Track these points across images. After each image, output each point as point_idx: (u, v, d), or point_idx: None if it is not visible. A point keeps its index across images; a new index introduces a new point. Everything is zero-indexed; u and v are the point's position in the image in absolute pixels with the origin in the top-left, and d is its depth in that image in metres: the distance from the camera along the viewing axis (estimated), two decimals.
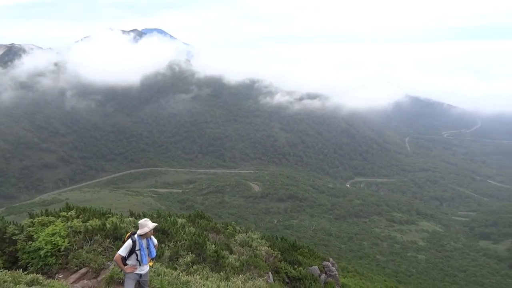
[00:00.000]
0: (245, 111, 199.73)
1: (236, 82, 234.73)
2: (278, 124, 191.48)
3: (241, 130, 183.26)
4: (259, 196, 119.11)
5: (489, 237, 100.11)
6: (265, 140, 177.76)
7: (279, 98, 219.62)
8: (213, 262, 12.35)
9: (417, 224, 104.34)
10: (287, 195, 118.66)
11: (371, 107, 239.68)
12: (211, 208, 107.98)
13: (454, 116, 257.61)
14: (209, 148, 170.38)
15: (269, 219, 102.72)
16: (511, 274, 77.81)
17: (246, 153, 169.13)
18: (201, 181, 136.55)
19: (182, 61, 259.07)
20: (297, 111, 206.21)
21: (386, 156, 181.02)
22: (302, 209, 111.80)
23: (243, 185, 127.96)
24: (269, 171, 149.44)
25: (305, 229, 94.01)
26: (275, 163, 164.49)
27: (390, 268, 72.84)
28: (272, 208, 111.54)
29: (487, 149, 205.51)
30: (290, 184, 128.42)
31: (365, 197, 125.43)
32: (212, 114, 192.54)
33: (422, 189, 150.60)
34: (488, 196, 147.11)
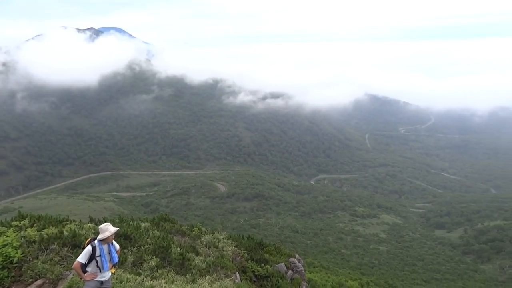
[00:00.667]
0: (209, 111, 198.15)
1: (199, 82, 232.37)
2: (243, 124, 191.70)
3: (205, 130, 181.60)
4: (225, 196, 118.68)
5: (443, 227, 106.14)
6: (230, 140, 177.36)
7: (242, 97, 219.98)
8: (179, 265, 12.12)
9: (378, 217, 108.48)
10: (253, 194, 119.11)
11: (333, 106, 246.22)
12: (177, 210, 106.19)
13: (410, 113, 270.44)
14: (173, 149, 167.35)
15: (235, 219, 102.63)
16: (464, 260, 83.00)
17: (211, 154, 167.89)
18: (165, 183, 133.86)
19: (143, 61, 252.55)
20: (261, 110, 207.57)
21: (348, 153, 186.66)
22: (268, 208, 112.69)
23: (209, 186, 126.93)
24: (234, 171, 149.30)
25: (272, 227, 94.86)
26: (240, 162, 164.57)
27: (354, 261, 75.21)
28: (238, 208, 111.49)
29: (441, 143, 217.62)
30: (256, 183, 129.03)
31: (329, 193, 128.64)
32: (175, 114, 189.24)
33: (382, 184, 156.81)
34: (442, 187, 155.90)
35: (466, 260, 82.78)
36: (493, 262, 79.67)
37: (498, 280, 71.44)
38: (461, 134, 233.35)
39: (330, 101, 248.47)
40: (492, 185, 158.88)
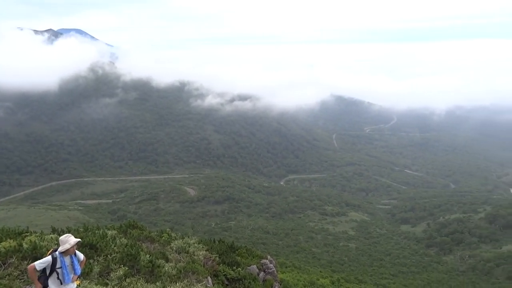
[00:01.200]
0: (177, 114, 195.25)
1: (166, 84, 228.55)
2: (211, 127, 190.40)
3: (173, 134, 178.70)
4: (196, 200, 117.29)
5: (408, 222, 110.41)
6: (199, 143, 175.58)
7: (210, 100, 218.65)
8: (148, 272, 11.79)
9: (346, 215, 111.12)
10: (224, 197, 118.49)
11: (300, 107, 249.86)
12: (145, 216, 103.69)
13: (374, 112, 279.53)
14: (140, 154, 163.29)
15: (206, 223, 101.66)
16: (427, 252, 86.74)
17: (179, 157, 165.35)
18: (133, 189, 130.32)
19: (106, 64, 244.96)
20: (229, 112, 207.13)
21: (316, 153, 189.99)
22: (239, 210, 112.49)
23: (178, 190, 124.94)
24: (204, 174, 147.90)
25: (243, 230, 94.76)
26: (210, 165, 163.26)
27: (325, 259, 76.60)
28: (209, 211, 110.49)
29: (403, 141, 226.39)
30: (226, 186, 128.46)
31: (299, 193, 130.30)
32: (141, 118, 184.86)
33: (349, 182, 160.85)
34: (405, 184, 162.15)
35: (429, 253, 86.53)
36: (454, 253, 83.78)
37: (459, 270, 75.25)
38: (422, 132, 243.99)
39: (298, 102, 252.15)
40: (451, 180, 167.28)
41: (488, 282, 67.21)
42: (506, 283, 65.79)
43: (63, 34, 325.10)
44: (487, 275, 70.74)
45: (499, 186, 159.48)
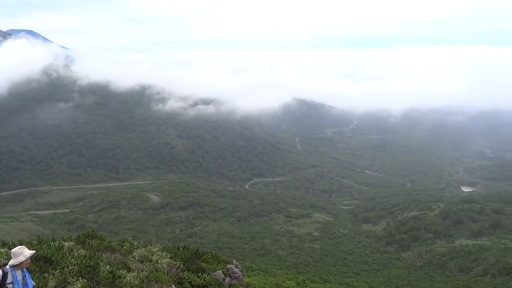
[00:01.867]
0: (138, 119, 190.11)
1: (125, 88, 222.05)
2: (174, 131, 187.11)
3: (134, 139, 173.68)
4: (159, 207, 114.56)
5: (369, 221, 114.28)
6: (162, 148, 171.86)
7: (172, 104, 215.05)
8: (109, 284, 11.30)
9: (311, 216, 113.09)
10: (188, 203, 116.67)
11: (263, 110, 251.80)
12: (106, 225, 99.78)
13: (335, 115, 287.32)
14: (99, 160, 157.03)
15: (171, 230, 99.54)
16: (388, 250, 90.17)
17: (141, 163, 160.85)
18: (92, 198, 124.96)
19: (61, 67, 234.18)
20: (193, 116, 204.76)
21: (280, 156, 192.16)
22: (205, 215, 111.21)
23: (141, 197, 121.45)
24: (168, 180, 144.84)
25: (209, 235, 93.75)
26: (173, 171, 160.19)
27: (291, 261, 77.41)
28: (173, 218, 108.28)
29: (363, 143, 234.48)
30: (191, 191, 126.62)
31: (264, 196, 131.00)
32: (100, 123, 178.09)
33: (313, 184, 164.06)
34: (366, 184, 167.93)
35: (389, 250, 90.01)
36: (412, 250, 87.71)
37: (417, 265, 78.87)
38: (380, 134, 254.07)
39: (261, 106, 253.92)
40: (408, 180, 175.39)
41: (443, 275, 70.99)
42: (459, 275, 69.82)
43: (12, 35, 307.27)
44: (442, 268, 74.70)
45: (451, 184, 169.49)
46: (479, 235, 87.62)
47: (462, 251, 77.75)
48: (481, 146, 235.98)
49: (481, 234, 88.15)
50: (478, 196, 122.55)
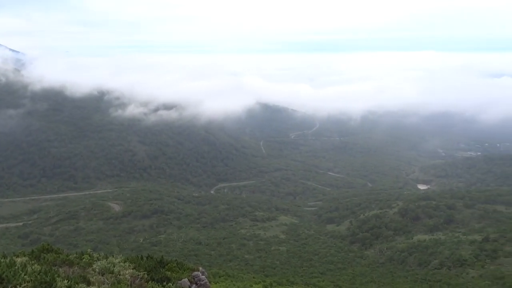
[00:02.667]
0: (96, 125, 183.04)
1: (82, 94, 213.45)
2: (136, 137, 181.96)
3: (93, 146, 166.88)
4: (121, 216, 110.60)
5: (333, 221, 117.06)
6: (123, 155, 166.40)
7: (133, 109, 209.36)
8: None
9: (277, 219, 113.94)
10: (152, 211, 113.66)
11: (227, 115, 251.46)
12: (64, 238, 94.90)
13: (298, 119, 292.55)
14: (55, 170, 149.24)
15: (134, 239, 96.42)
16: (351, 249, 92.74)
17: (101, 171, 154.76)
18: (47, 209, 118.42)
19: (10, 71, 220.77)
20: (155, 122, 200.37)
21: (245, 160, 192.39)
22: (169, 223, 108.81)
23: (101, 207, 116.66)
24: (130, 188, 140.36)
25: (174, 243, 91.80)
26: (136, 178, 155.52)
27: (258, 265, 77.50)
28: (136, 227, 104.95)
29: (325, 145, 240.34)
30: (154, 198, 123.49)
31: (229, 201, 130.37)
32: (55, 131, 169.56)
33: (278, 187, 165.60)
34: (329, 186, 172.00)
35: (353, 249, 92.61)
36: (374, 247, 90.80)
37: (379, 262, 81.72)
38: (341, 136, 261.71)
39: (224, 111, 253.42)
40: (368, 180, 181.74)
41: (403, 270, 74.04)
42: (417, 269, 73.14)
43: None
44: (402, 264, 77.92)
45: (408, 183, 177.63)
46: (435, 230, 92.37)
47: (420, 246, 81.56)
48: (435, 146, 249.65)
49: (437, 229, 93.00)
50: (433, 193, 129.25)
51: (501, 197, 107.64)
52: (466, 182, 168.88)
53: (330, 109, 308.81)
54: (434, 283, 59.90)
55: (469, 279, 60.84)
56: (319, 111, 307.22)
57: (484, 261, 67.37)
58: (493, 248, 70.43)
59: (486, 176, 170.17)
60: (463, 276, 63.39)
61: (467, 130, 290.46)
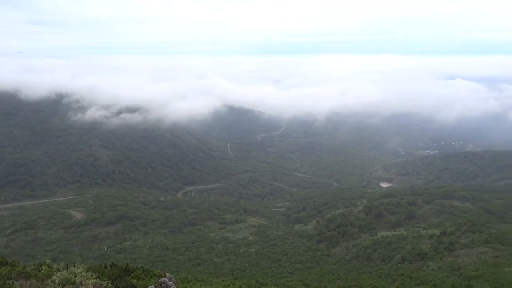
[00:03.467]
0: (55, 129, 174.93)
1: (38, 97, 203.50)
2: (98, 141, 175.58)
3: (51, 152, 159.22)
4: (83, 224, 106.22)
5: (301, 221, 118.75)
6: (84, 160, 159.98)
7: (93, 113, 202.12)
8: None
9: (245, 221, 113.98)
10: (116, 217, 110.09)
11: (193, 117, 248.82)
12: (20, 249, 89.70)
13: (264, 121, 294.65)
14: (9, 177, 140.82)
15: (98, 247, 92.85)
16: (319, 247, 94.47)
17: (61, 178, 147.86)
18: (2, 219, 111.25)
19: None
20: (117, 126, 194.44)
21: (212, 163, 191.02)
22: (135, 229, 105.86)
23: (61, 215, 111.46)
24: (92, 194, 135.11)
25: (140, 249, 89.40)
26: (98, 184, 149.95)
27: (227, 268, 77.06)
28: (100, 234, 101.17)
29: (292, 147, 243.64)
30: (119, 204, 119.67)
31: (197, 204, 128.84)
32: (9, 136, 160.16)
33: (246, 189, 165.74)
34: (296, 186, 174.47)
35: (320, 248, 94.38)
36: (340, 245, 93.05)
37: (346, 259, 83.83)
38: (307, 137, 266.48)
39: (190, 113, 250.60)
40: (334, 179, 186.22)
41: (368, 266, 76.40)
42: (382, 264, 75.75)
43: None
44: (367, 260, 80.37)
45: (372, 181, 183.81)
46: (397, 226, 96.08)
47: (383, 242, 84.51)
48: (395, 145, 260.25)
49: (399, 225, 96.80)
50: (394, 191, 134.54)
51: (456, 193, 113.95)
52: (425, 179, 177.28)
53: (296, 111, 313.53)
54: (397, 277, 62.22)
55: (429, 272, 63.76)
56: (285, 112, 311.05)
57: (442, 254, 70.90)
58: (450, 241, 74.33)
59: (443, 173, 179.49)
60: (423, 269, 66.34)
61: (424, 129, 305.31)
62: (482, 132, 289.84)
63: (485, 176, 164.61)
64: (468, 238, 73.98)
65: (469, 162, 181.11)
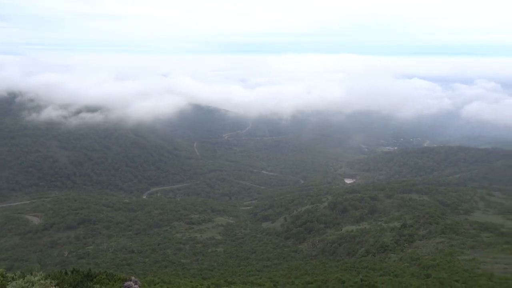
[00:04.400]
0: (8, 130, 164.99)
1: None
2: (56, 142, 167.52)
3: (4, 154, 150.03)
4: (42, 229, 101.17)
5: (268, 218, 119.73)
6: (41, 163, 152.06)
7: (50, 112, 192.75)
8: None
9: (213, 221, 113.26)
10: (78, 221, 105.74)
11: (157, 117, 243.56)
12: None
13: (230, 119, 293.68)
14: None
15: (57, 253, 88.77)
16: (286, 244, 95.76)
17: (16, 181, 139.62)
18: None
19: None
20: (77, 126, 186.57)
21: (178, 163, 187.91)
22: (98, 232, 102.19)
23: (17, 220, 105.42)
24: (51, 198, 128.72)
25: (104, 253, 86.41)
26: (58, 187, 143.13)
27: (195, 268, 76.25)
28: (60, 239, 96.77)
29: (258, 145, 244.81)
30: (80, 207, 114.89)
31: (163, 205, 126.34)
32: None
33: (213, 188, 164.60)
34: (263, 184, 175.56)
35: (288, 244, 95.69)
36: (307, 241, 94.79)
37: (312, 255, 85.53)
38: (273, 135, 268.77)
39: (155, 113, 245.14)
40: (300, 177, 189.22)
41: (334, 260, 78.40)
42: (347, 258, 77.98)
43: None
44: (333, 254, 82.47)
45: (336, 178, 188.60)
46: (360, 221, 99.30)
47: (348, 237, 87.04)
48: (358, 142, 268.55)
49: (362, 219, 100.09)
50: (358, 186, 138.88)
51: (415, 187, 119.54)
52: (386, 174, 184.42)
53: (262, 109, 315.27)
54: (361, 270, 64.29)
55: (391, 263, 66.44)
56: (251, 111, 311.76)
57: (403, 245, 74.15)
58: (410, 233, 77.87)
59: (403, 168, 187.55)
60: (385, 260, 69.02)
61: (385, 127, 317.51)
62: (437, 129, 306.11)
63: (441, 170, 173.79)
64: (426, 230, 77.84)
65: (426, 158, 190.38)
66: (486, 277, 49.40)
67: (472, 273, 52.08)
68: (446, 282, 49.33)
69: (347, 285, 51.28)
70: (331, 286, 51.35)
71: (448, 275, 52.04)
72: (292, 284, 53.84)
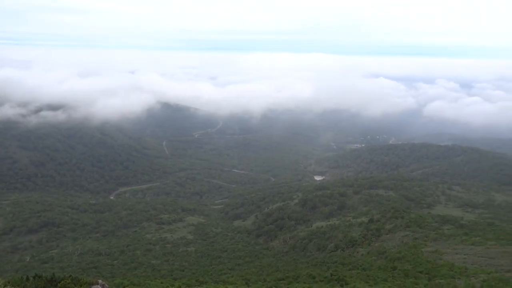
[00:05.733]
0: None
1: None
2: (15, 142, 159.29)
3: None
4: (0, 234, 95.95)
5: (239, 217, 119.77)
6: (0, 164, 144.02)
7: (7, 111, 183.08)
8: None
9: (183, 220, 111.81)
10: (40, 224, 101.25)
11: (124, 115, 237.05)
12: None
13: (201, 118, 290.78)
14: None
15: (18, 258, 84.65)
16: (258, 242, 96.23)
17: None
18: None
19: None
20: (38, 125, 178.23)
21: (147, 162, 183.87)
22: (62, 235, 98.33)
23: None
24: (10, 200, 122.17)
25: (69, 257, 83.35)
26: (18, 189, 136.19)
27: (165, 269, 75.03)
28: (21, 244, 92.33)
29: (229, 143, 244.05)
30: (42, 210, 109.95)
31: (132, 206, 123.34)
32: None
33: (183, 188, 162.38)
34: (234, 183, 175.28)
35: (259, 242, 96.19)
36: (278, 238, 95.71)
37: (284, 251, 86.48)
38: (244, 134, 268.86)
39: (121, 111, 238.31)
40: (271, 175, 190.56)
41: (305, 256, 79.67)
42: (317, 254, 79.48)
43: None
44: (304, 250, 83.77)
45: (306, 175, 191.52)
46: (330, 217, 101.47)
47: (318, 233, 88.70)
48: (327, 140, 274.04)
49: (332, 215, 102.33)
50: (327, 183, 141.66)
51: (381, 183, 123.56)
52: (354, 171, 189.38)
53: (232, 108, 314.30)
54: (331, 265, 65.73)
55: (359, 257, 68.38)
56: (221, 109, 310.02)
57: (371, 240, 76.52)
58: (377, 228, 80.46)
59: (370, 165, 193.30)
60: (354, 255, 70.96)
61: (353, 124, 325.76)
62: (402, 127, 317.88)
63: (405, 166, 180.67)
64: (392, 224, 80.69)
65: (392, 154, 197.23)
66: (447, 267, 51.92)
67: (435, 264, 54.56)
68: (410, 273, 51.40)
69: (317, 280, 52.24)
70: (302, 282, 52.11)
71: (412, 267, 54.25)
72: (264, 281, 54.16)
